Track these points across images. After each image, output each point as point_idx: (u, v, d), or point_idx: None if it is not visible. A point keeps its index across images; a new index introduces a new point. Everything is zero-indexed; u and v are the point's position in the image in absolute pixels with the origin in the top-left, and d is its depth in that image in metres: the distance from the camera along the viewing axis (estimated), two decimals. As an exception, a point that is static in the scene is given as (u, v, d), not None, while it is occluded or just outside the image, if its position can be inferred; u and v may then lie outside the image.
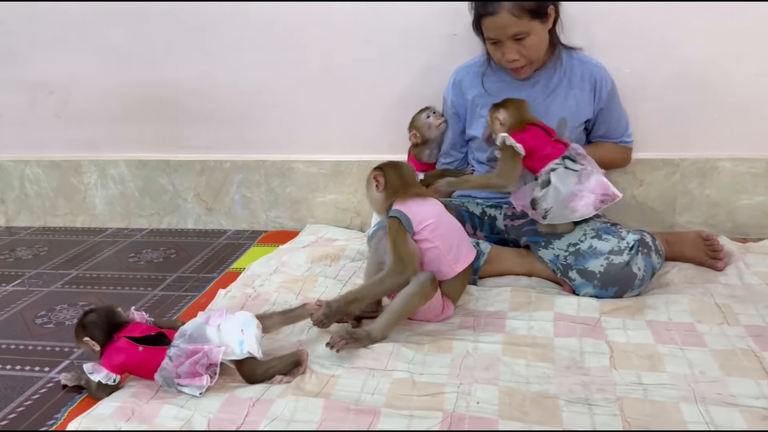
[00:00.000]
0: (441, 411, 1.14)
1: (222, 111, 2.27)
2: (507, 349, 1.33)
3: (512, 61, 1.66)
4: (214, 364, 1.25)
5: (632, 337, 1.37)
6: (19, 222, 2.51)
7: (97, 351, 1.27)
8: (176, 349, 1.25)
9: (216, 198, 2.35)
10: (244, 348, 1.25)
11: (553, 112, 1.74)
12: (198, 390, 1.22)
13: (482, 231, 1.82)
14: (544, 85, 1.75)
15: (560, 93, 1.75)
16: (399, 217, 1.39)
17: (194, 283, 1.87)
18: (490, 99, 1.77)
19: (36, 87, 2.37)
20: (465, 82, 1.84)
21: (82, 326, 1.28)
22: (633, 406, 1.14)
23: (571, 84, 1.75)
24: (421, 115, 1.93)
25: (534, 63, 1.70)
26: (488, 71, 1.80)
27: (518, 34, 1.61)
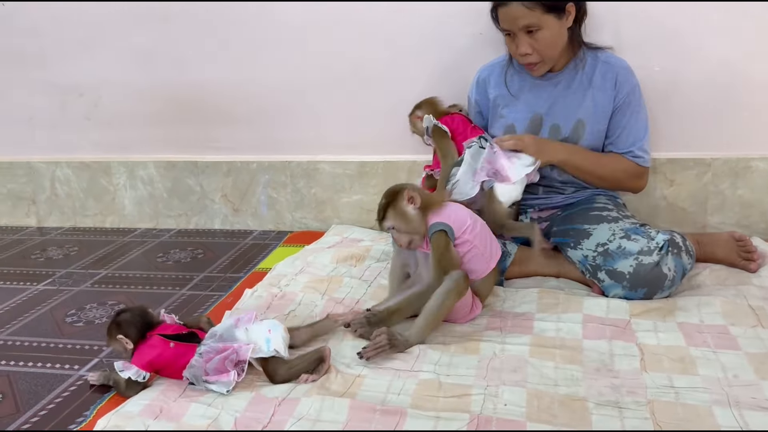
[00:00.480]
0: (468, 413, 1.13)
1: (248, 112, 2.28)
2: (535, 351, 1.31)
3: (524, 54, 1.63)
4: (242, 361, 1.25)
5: (663, 339, 1.35)
6: (50, 222, 2.55)
7: (129, 349, 1.28)
8: (206, 346, 1.26)
9: (243, 199, 2.36)
10: (271, 346, 1.26)
11: (572, 113, 1.70)
12: (225, 387, 1.23)
13: (508, 232, 1.81)
14: (565, 85, 1.71)
15: (579, 94, 1.70)
16: (445, 229, 1.39)
17: (221, 282, 1.88)
18: (511, 98, 1.76)
19: (66, 90, 2.41)
20: (488, 80, 1.82)
21: (116, 324, 1.29)
22: (664, 409, 1.12)
23: (592, 84, 1.70)
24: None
25: (548, 60, 1.66)
26: (510, 70, 1.78)
27: (530, 26, 1.58)
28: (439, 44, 2.05)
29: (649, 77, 1.81)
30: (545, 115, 1.72)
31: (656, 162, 1.96)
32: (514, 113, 1.75)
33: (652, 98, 1.84)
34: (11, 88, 2.45)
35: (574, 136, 1.70)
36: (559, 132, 1.71)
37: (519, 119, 1.75)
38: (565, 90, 1.71)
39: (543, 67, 1.68)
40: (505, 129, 1.77)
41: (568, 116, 1.70)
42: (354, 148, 2.24)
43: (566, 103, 1.71)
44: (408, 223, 1.40)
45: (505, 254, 1.67)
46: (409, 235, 1.42)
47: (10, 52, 2.41)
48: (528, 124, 1.73)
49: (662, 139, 1.94)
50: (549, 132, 1.71)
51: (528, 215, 1.80)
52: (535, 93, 1.73)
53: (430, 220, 1.41)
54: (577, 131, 1.69)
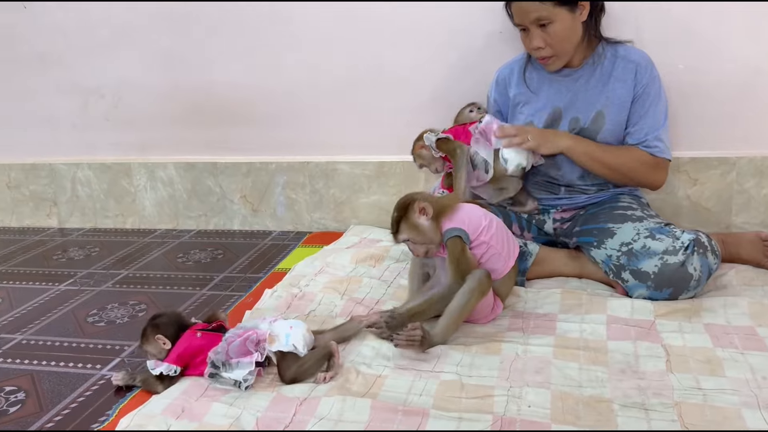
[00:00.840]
0: (491, 414, 1.12)
1: (268, 113, 2.29)
2: (558, 352, 1.30)
3: (537, 48, 1.62)
4: (262, 341, 1.27)
5: (689, 340, 1.33)
6: (71, 223, 2.58)
7: (167, 349, 1.30)
8: (230, 334, 1.29)
9: (262, 199, 2.37)
10: (290, 340, 1.27)
11: (591, 105, 1.68)
12: (247, 368, 1.23)
13: (530, 232, 1.79)
14: (585, 80, 1.69)
15: (599, 87, 1.68)
16: (460, 235, 1.38)
17: (241, 283, 1.88)
18: (531, 95, 1.75)
19: (87, 91, 2.43)
20: (508, 79, 1.81)
21: (155, 326, 1.32)
22: (692, 411, 1.10)
23: (612, 77, 1.67)
24: (464, 110, 1.92)
25: (561, 55, 1.64)
26: (529, 67, 1.76)
27: (541, 19, 1.56)
28: (459, 44, 2.03)
29: (673, 75, 1.79)
30: (564, 109, 1.70)
31: (679, 161, 1.93)
32: (533, 110, 1.74)
33: (676, 96, 1.81)
34: (33, 90, 2.48)
35: (593, 127, 1.67)
36: (579, 123, 1.69)
37: (538, 115, 1.73)
38: (584, 84, 1.69)
39: (557, 61, 1.66)
40: (526, 125, 1.75)
41: (587, 108, 1.68)
42: (372, 148, 2.23)
43: (586, 96, 1.69)
44: (422, 234, 1.40)
45: (526, 254, 1.65)
46: (425, 246, 1.41)
47: (32, 54, 2.43)
48: (547, 119, 1.72)
49: (685, 138, 1.91)
50: (569, 124, 1.70)
51: (551, 215, 1.78)
52: (555, 88, 1.71)
53: (444, 226, 1.40)
54: (597, 122, 1.67)
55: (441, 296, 1.39)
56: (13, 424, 1.22)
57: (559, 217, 1.77)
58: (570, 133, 1.68)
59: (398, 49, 2.10)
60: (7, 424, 1.22)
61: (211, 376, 1.27)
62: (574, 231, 1.71)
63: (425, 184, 2.17)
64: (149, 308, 1.73)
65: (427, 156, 1.78)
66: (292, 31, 2.17)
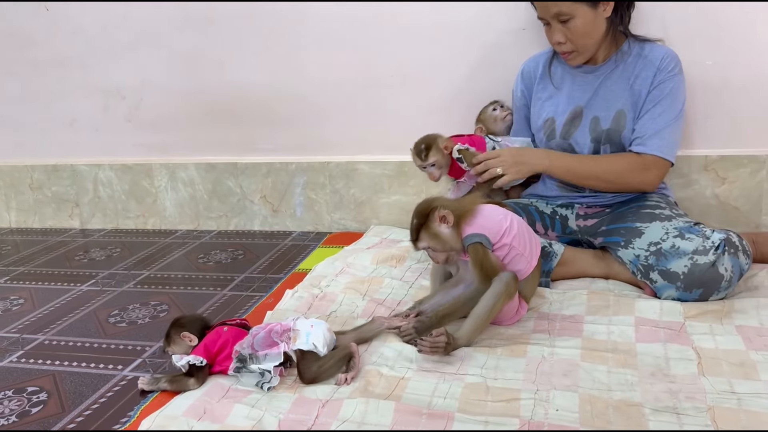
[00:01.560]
0: (518, 418, 1.09)
1: (288, 113, 2.28)
2: (586, 354, 1.27)
3: (558, 44, 1.61)
4: (287, 330, 1.27)
5: (721, 342, 1.29)
6: (93, 224, 2.59)
7: (192, 346, 1.30)
8: (254, 329, 1.30)
9: (282, 200, 2.36)
10: (310, 339, 1.25)
11: (612, 104, 1.65)
12: (277, 359, 1.23)
13: (554, 231, 1.76)
14: (606, 78, 1.67)
15: (620, 85, 1.65)
16: (481, 241, 1.35)
17: (261, 283, 1.87)
18: (554, 91, 1.73)
19: (109, 93, 2.44)
20: (533, 72, 1.80)
21: (179, 326, 1.32)
22: (726, 416, 1.06)
23: (635, 75, 1.64)
24: (487, 108, 1.91)
25: (582, 50, 1.62)
26: (554, 61, 1.75)
27: (561, 14, 1.55)
28: (480, 41, 2.01)
29: (701, 72, 1.75)
30: (585, 108, 1.68)
31: (707, 159, 1.89)
32: (555, 106, 1.73)
33: (704, 93, 1.78)
34: (54, 93, 2.50)
35: (615, 127, 1.64)
36: (599, 124, 1.66)
37: (560, 112, 1.71)
38: (605, 81, 1.67)
39: (578, 57, 1.64)
40: (545, 121, 1.74)
41: (608, 107, 1.66)
42: (393, 148, 2.21)
43: (606, 95, 1.66)
44: (442, 242, 1.37)
45: (551, 254, 1.62)
46: (445, 253, 1.39)
47: (53, 57, 2.45)
48: (568, 117, 1.70)
49: (714, 136, 1.88)
50: (590, 124, 1.67)
51: (575, 209, 1.75)
52: (578, 85, 1.69)
53: (464, 232, 1.37)
54: (618, 121, 1.64)
55: (468, 298, 1.37)
56: (35, 424, 1.21)
57: (582, 213, 1.74)
58: (548, 149, 1.71)
59: (419, 48, 2.08)
60: (30, 425, 1.21)
61: (236, 370, 1.26)
62: (600, 231, 1.67)
63: (446, 183, 2.15)
64: (171, 309, 1.73)
65: (442, 162, 1.74)
66: (312, 31, 2.16)
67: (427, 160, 1.72)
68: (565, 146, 1.71)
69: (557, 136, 1.71)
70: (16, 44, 2.47)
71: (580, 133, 1.68)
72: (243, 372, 1.26)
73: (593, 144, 1.67)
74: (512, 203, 1.74)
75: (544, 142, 1.76)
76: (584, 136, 1.68)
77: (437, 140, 1.72)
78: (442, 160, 1.73)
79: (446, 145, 1.71)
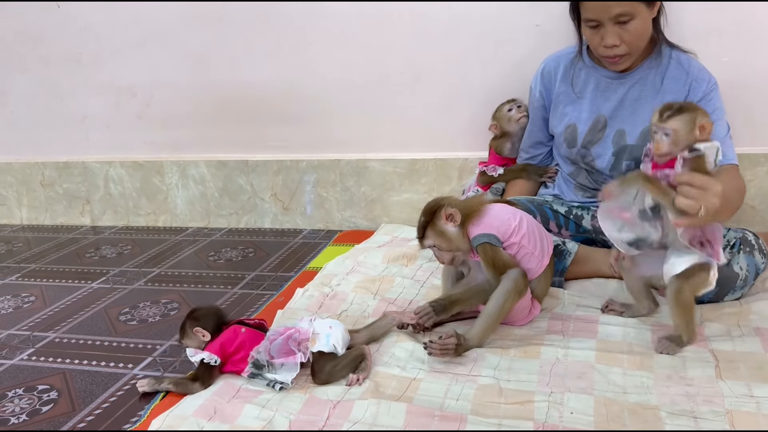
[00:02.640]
0: (532, 420, 1.07)
1: (298, 110, 2.27)
2: (601, 357, 1.25)
3: (612, 47, 1.51)
4: (305, 340, 1.25)
5: (739, 345, 1.27)
6: (104, 221, 2.59)
7: (206, 341, 1.28)
8: (272, 332, 1.28)
9: (292, 198, 2.35)
10: (330, 341, 1.24)
11: (640, 120, 1.60)
12: (293, 370, 1.22)
13: (567, 230, 1.74)
14: (636, 87, 1.61)
15: (649, 97, 1.59)
16: (489, 241, 1.33)
17: (272, 281, 1.86)
18: (574, 97, 1.68)
19: (120, 90, 2.43)
20: (555, 73, 1.73)
21: (193, 319, 1.30)
22: (745, 420, 1.04)
23: (665, 87, 1.59)
24: (504, 106, 1.89)
25: (634, 53, 1.55)
26: (579, 64, 1.69)
27: (623, 15, 1.46)
28: (493, 38, 1.99)
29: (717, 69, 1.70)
30: (609, 118, 1.64)
31: (724, 158, 1.86)
32: (577, 112, 1.68)
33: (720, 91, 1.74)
34: (65, 90, 2.49)
35: (641, 144, 1.59)
36: (624, 139, 1.62)
37: (582, 119, 1.67)
38: (634, 92, 1.62)
39: (628, 60, 1.57)
40: (566, 127, 1.70)
41: (635, 122, 1.61)
42: (404, 146, 2.20)
43: (634, 107, 1.61)
44: (448, 241, 1.35)
45: (565, 253, 1.60)
46: (451, 253, 1.37)
47: (64, 54, 2.45)
48: (591, 126, 1.66)
49: (730, 134, 1.84)
50: (613, 136, 1.63)
51: (591, 210, 1.72)
52: (602, 92, 1.64)
53: (471, 233, 1.35)
54: (645, 138, 1.57)
55: (482, 288, 1.35)
56: (45, 423, 1.21)
57: None
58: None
59: (430, 45, 2.06)
60: (40, 424, 1.21)
61: (252, 376, 1.25)
62: None
63: (458, 181, 2.13)
64: (181, 307, 1.72)
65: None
66: (323, 29, 2.15)
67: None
68: (585, 155, 1.68)
69: (578, 144, 1.68)
70: (27, 41, 2.47)
71: (602, 144, 1.65)
72: (258, 378, 1.25)
73: (614, 157, 1.64)
74: (526, 201, 1.72)
75: (564, 149, 1.72)
76: (606, 148, 1.64)
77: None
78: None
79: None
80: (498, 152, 1.91)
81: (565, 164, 1.78)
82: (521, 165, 1.87)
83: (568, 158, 1.74)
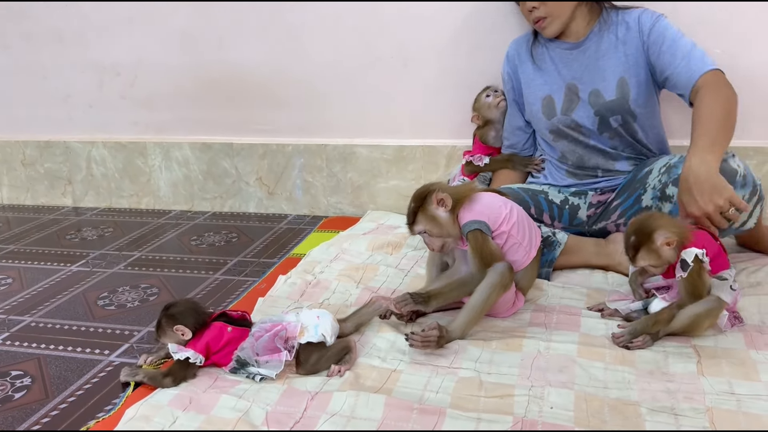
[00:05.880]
0: (511, 415, 1.06)
1: (285, 94, 2.23)
2: (583, 350, 1.24)
3: (532, 9, 1.60)
4: (292, 338, 1.22)
5: (722, 341, 1.26)
6: (85, 202, 2.55)
7: (186, 340, 1.24)
8: (257, 328, 1.24)
9: (278, 182, 2.32)
10: (319, 331, 1.22)
11: (610, 74, 1.62)
12: (277, 368, 1.19)
13: (560, 222, 1.72)
14: (594, 49, 1.64)
15: (611, 52, 1.63)
16: (480, 228, 1.32)
17: (255, 268, 1.84)
18: (540, 72, 1.71)
19: (103, 69, 2.39)
20: (516, 54, 1.78)
21: (170, 317, 1.24)
22: (725, 418, 1.03)
23: (619, 38, 1.62)
24: (481, 95, 1.88)
25: (556, 15, 1.61)
26: (536, 43, 1.73)
27: None
28: (484, 24, 1.96)
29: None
30: (580, 83, 1.66)
31: (713, 150, 1.85)
32: (550, 84, 1.70)
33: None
34: (48, 68, 2.44)
35: (620, 96, 1.62)
36: (602, 97, 1.63)
37: (555, 90, 1.70)
38: (595, 53, 1.64)
39: (553, 23, 1.62)
40: (543, 100, 1.71)
41: (606, 77, 1.63)
42: (392, 132, 2.17)
43: (600, 65, 1.64)
44: (439, 226, 1.33)
45: (555, 244, 1.59)
46: (441, 239, 1.35)
47: (48, 31, 2.39)
48: (565, 94, 1.68)
49: (720, 126, 1.83)
50: (589, 98, 1.65)
51: (588, 198, 1.72)
52: (566, 63, 1.68)
53: (462, 219, 1.33)
54: (622, 90, 1.62)
55: (463, 282, 1.34)
56: (17, 410, 1.18)
57: (596, 201, 1.71)
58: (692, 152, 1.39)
59: (420, 30, 2.03)
60: (12, 411, 1.18)
61: (233, 371, 1.22)
62: (613, 206, 1.66)
63: (445, 169, 2.11)
64: (161, 292, 1.70)
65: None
66: (312, 12, 2.11)
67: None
68: (568, 122, 1.68)
69: (558, 112, 1.69)
70: (9, 17, 2.41)
71: (581, 109, 1.66)
72: (240, 372, 1.22)
73: (598, 117, 1.65)
74: (521, 189, 1.71)
75: (544, 122, 1.72)
76: (586, 110, 1.66)
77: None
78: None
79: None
80: (483, 141, 1.89)
81: (551, 149, 1.77)
82: (507, 155, 1.86)
83: (551, 131, 1.73)
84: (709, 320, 1.25)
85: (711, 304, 1.24)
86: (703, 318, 1.25)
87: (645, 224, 1.26)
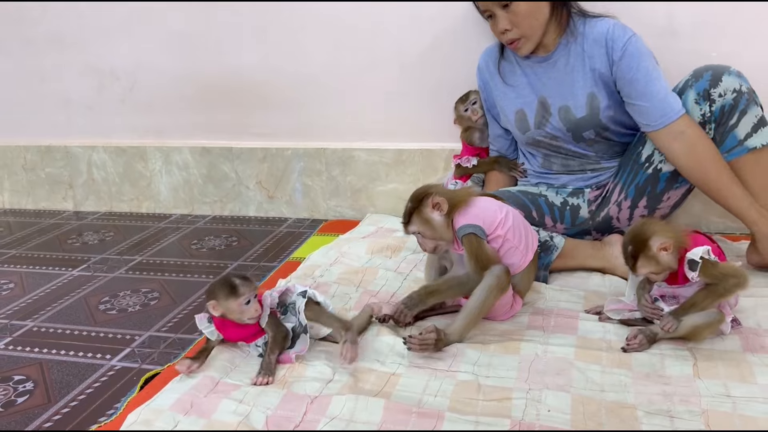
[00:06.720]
0: (509, 418, 1.07)
1: (284, 98, 2.24)
2: (580, 354, 1.25)
3: (504, 32, 1.59)
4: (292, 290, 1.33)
5: (718, 343, 1.27)
6: (86, 207, 2.56)
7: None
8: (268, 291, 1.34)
9: (277, 186, 2.33)
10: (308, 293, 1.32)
11: (580, 88, 1.62)
12: (305, 342, 1.29)
13: (563, 224, 1.73)
14: (564, 63, 1.64)
15: (578, 66, 1.62)
16: (475, 232, 1.33)
17: (255, 271, 1.85)
18: (510, 88, 1.71)
19: (103, 73, 2.40)
20: (485, 68, 1.79)
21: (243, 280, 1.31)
22: (721, 420, 1.04)
23: (586, 51, 1.60)
24: (459, 107, 1.89)
25: (530, 36, 1.60)
26: (503, 60, 1.74)
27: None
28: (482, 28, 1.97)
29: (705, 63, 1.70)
30: (549, 98, 1.67)
31: (709, 153, 1.86)
32: (522, 97, 1.71)
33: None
34: (48, 72, 2.46)
35: (591, 113, 1.62)
36: (572, 113, 1.64)
37: (527, 103, 1.71)
38: (564, 66, 1.64)
39: (527, 43, 1.61)
40: (516, 114, 1.72)
41: (575, 94, 1.63)
42: (391, 136, 2.19)
43: (571, 81, 1.64)
44: (432, 229, 1.35)
45: (552, 248, 1.60)
46: (434, 241, 1.37)
47: (48, 36, 2.41)
48: (536, 109, 1.69)
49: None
50: (559, 114, 1.65)
51: (585, 195, 1.73)
52: (538, 76, 1.68)
53: (457, 223, 1.35)
54: (592, 105, 1.62)
55: (460, 281, 1.35)
56: (20, 415, 1.20)
57: (593, 197, 1.72)
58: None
59: (419, 33, 2.04)
60: (15, 415, 1.20)
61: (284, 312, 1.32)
62: (610, 190, 1.69)
63: (443, 172, 2.12)
64: (161, 296, 1.71)
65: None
66: (311, 15, 2.12)
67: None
68: (543, 135, 1.69)
69: (531, 126, 1.70)
70: (8, 22, 2.42)
71: (552, 123, 1.68)
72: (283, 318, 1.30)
73: (570, 132, 1.66)
74: (521, 193, 1.72)
75: (519, 135, 1.75)
76: (558, 124, 1.67)
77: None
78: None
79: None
80: (469, 143, 1.92)
81: (532, 157, 1.80)
82: (494, 157, 1.88)
83: (528, 144, 1.75)
84: (709, 331, 1.26)
85: (712, 317, 1.25)
86: (703, 329, 1.25)
87: (640, 232, 1.26)
